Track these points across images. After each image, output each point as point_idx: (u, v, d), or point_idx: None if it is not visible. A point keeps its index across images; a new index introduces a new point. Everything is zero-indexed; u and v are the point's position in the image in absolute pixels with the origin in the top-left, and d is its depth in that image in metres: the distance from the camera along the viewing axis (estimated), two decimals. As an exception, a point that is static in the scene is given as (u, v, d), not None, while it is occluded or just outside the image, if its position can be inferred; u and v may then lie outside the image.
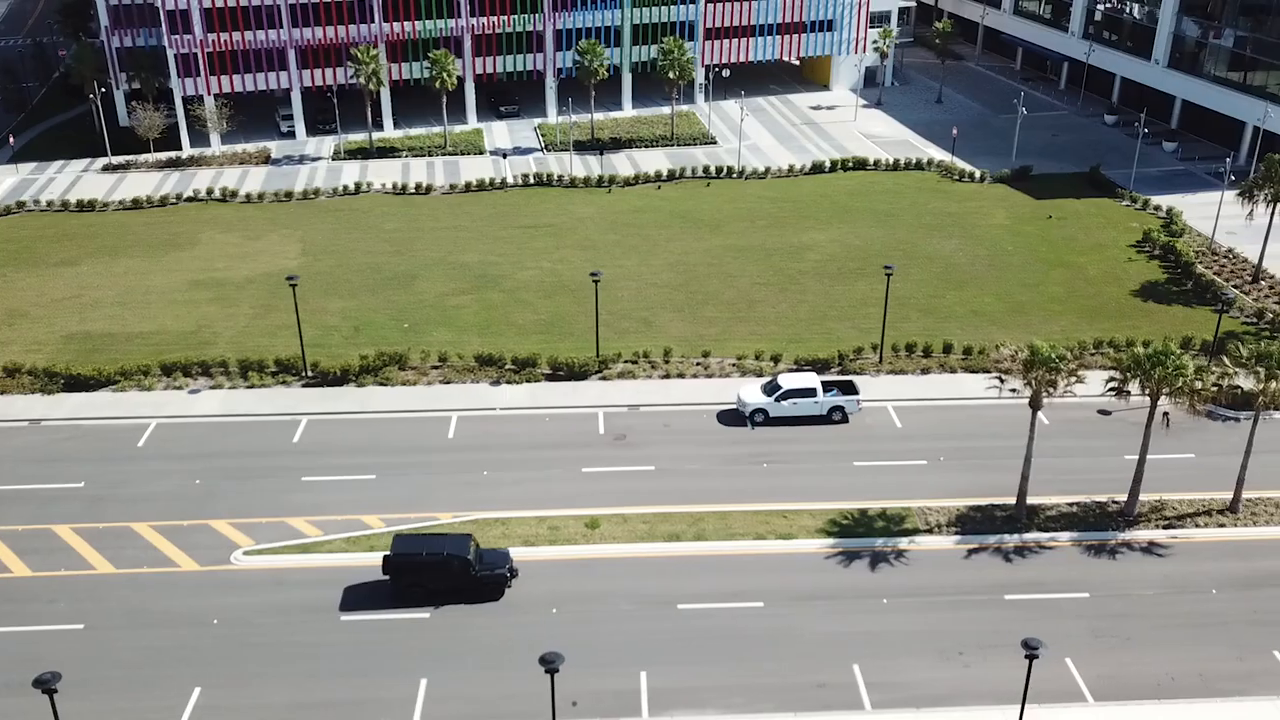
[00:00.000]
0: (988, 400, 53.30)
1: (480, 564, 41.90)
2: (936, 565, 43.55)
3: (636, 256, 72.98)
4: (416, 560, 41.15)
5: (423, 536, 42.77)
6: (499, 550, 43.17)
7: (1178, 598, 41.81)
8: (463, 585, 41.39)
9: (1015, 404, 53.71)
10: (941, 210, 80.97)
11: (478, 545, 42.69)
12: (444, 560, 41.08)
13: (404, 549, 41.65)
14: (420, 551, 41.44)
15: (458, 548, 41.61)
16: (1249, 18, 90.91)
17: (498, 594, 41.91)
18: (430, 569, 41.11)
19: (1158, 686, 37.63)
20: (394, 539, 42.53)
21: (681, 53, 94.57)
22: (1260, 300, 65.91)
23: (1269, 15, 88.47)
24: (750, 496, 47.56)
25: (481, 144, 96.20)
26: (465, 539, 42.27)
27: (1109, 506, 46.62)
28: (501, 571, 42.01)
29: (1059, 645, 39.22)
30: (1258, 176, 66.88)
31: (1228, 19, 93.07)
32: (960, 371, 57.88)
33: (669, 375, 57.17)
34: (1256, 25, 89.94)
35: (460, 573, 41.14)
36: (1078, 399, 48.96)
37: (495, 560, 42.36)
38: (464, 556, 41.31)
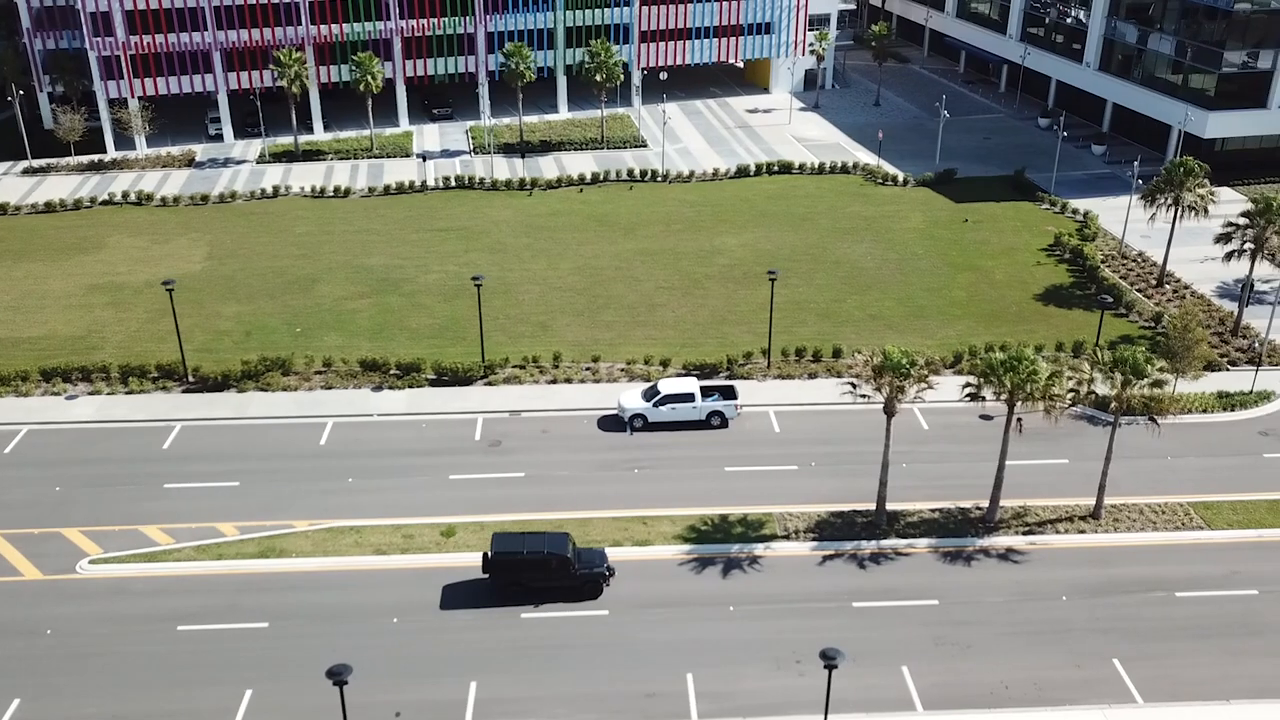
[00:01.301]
0: (872, 406, 53.28)
1: (579, 562, 41.64)
2: (789, 572, 43.16)
3: (545, 260, 72.73)
4: (517, 559, 40.98)
5: (522, 535, 42.61)
6: (595, 549, 43.21)
7: (1026, 605, 41.50)
8: (562, 584, 41.32)
9: (900, 410, 54.13)
10: (858, 214, 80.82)
11: (575, 544, 42.38)
12: (544, 559, 41.03)
13: (504, 547, 41.47)
14: (521, 550, 41.27)
15: (558, 546, 41.67)
16: (1172, 21, 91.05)
17: (597, 593, 41.87)
18: (530, 567, 41.08)
19: (990, 695, 37.32)
20: (494, 537, 42.28)
21: (609, 55, 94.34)
22: (1161, 304, 66.18)
23: (1191, 19, 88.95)
24: (615, 503, 47.13)
25: (410, 147, 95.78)
26: (564, 537, 42.39)
27: (972, 513, 46.53)
28: (600, 570, 42.00)
29: (899, 653, 39.12)
30: (1159, 181, 67.01)
31: (1153, 22, 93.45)
32: (847, 377, 58.29)
33: (556, 380, 56.81)
34: (1179, 29, 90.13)
35: (559, 571, 41.19)
36: (962, 404, 49.01)
37: (592, 559, 42.28)
38: (564, 555, 41.31)
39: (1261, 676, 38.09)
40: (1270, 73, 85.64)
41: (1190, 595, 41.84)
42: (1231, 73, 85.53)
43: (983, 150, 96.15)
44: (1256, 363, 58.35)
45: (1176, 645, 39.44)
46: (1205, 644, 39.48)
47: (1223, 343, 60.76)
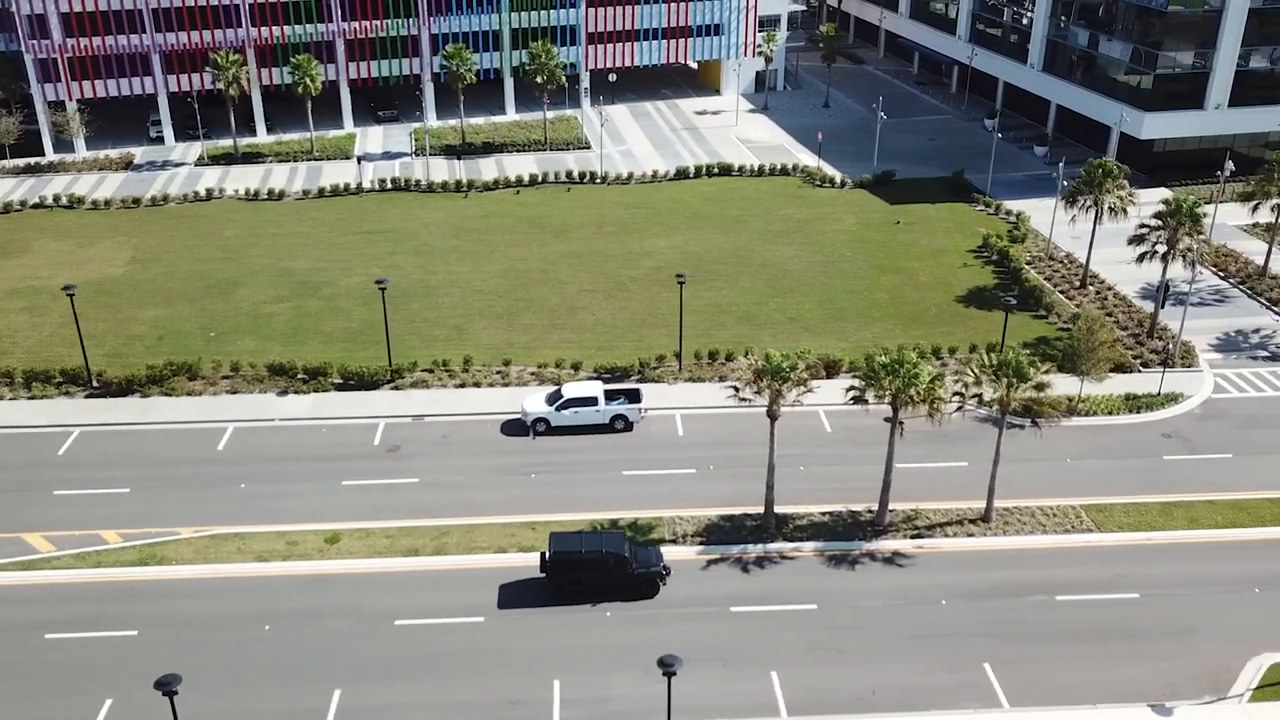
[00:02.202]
0: (794, 408, 53.20)
1: (635, 561, 41.92)
2: (673, 576, 42.68)
3: (471, 262, 72.32)
4: (575, 558, 41.23)
5: (580, 534, 43.04)
6: (651, 548, 43.34)
7: (905, 609, 41.34)
8: (619, 583, 41.52)
9: (802, 412, 53.56)
10: (791, 216, 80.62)
11: (630, 543, 42.78)
12: (602, 558, 41.28)
13: (562, 547, 41.68)
14: (579, 549, 41.57)
15: (615, 545, 41.97)
16: (1110, 22, 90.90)
17: (653, 591, 41.96)
18: (588, 566, 41.30)
19: (856, 700, 37.16)
20: (551, 537, 42.37)
21: (549, 57, 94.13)
22: (1082, 305, 66.10)
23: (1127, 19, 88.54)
24: (507, 508, 46.75)
25: (352, 149, 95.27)
26: (620, 536, 42.81)
27: (863, 516, 46.32)
28: (656, 569, 42.12)
29: (770, 659, 38.87)
30: (1079, 182, 66.99)
31: (1091, 23, 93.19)
32: (730, 381, 57.38)
33: (464, 385, 56.40)
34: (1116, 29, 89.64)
35: (617, 570, 41.42)
36: (869, 405, 48.65)
37: (649, 558, 42.50)
38: (621, 554, 41.53)
39: (1132, 680, 37.91)
40: (1206, 73, 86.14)
41: (1071, 599, 41.64)
42: (1167, 74, 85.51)
43: (927, 152, 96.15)
44: (1167, 365, 57.98)
45: (1051, 649, 39.28)
46: (1080, 648, 39.30)
47: (1138, 344, 61.13)
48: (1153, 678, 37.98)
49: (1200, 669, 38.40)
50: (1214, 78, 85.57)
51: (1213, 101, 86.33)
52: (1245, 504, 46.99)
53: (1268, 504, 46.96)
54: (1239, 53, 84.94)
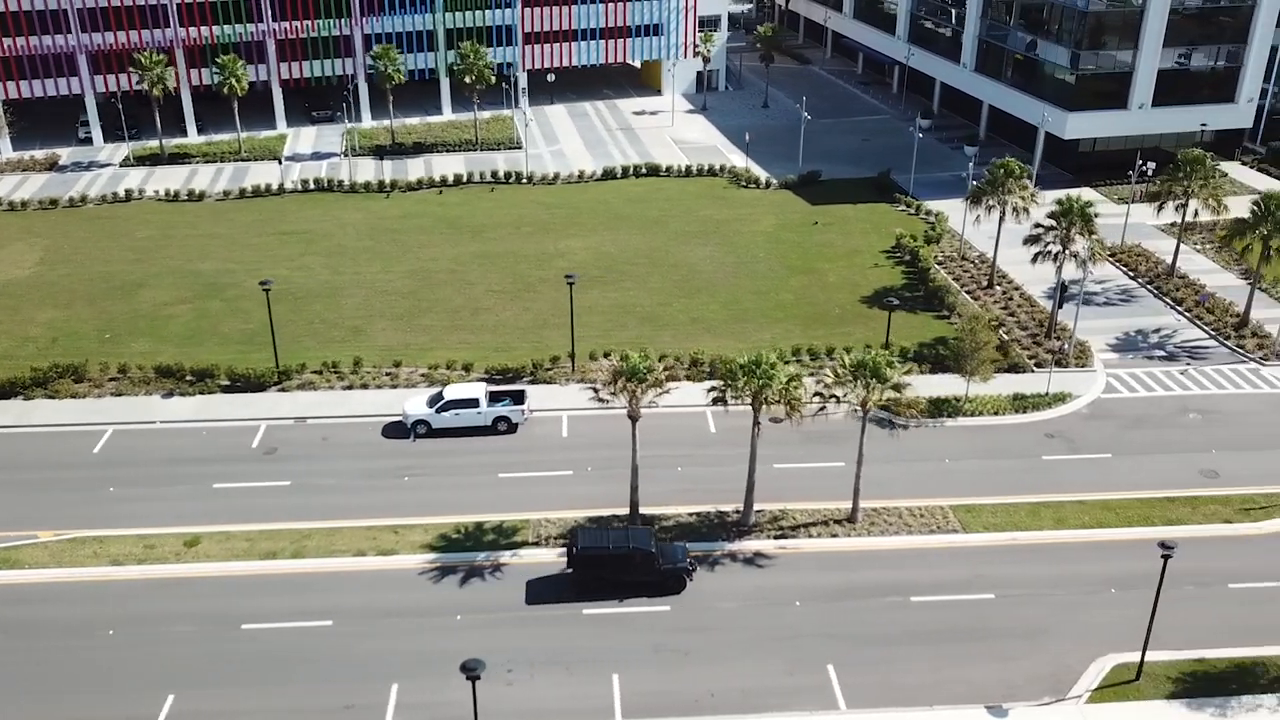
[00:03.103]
0: (664, 409, 51.60)
1: (662, 557, 42.03)
2: (529, 579, 42.52)
3: (381, 263, 71.92)
4: (602, 554, 41.21)
5: (606, 530, 43.14)
6: (677, 544, 43.47)
7: (759, 610, 41.17)
8: (646, 579, 41.59)
9: (690, 413, 53.74)
10: (712, 217, 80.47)
11: (657, 539, 42.98)
12: (629, 553, 41.38)
13: (589, 543, 41.76)
14: (606, 545, 41.63)
15: (642, 541, 41.99)
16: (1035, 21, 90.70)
17: (680, 587, 41.95)
18: (614, 562, 41.34)
19: (694, 703, 36.88)
20: (579, 533, 42.60)
21: (478, 57, 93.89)
22: (987, 306, 66.10)
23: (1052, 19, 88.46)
24: (373, 512, 46.36)
25: (281, 150, 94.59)
26: (647, 533, 42.87)
27: (730, 516, 46.15)
28: (683, 565, 42.19)
29: (614, 662, 38.59)
30: (983, 183, 66.98)
31: (1018, 23, 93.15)
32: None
33: (352, 386, 56.06)
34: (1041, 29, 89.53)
35: (644, 566, 41.47)
36: (727, 407, 46.55)
37: (675, 554, 42.59)
38: (648, 550, 41.56)
39: (976, 682, 37.77)
40: (1129, 73, 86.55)
41: (925, 600, 41.54)
42: (1090, 73, 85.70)
43: (860, 152, 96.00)
44: (1060, 365, 57.80)
45: (898, 651, 39.17)
46: (928, 649, 39.14)
47: (1035, 344, 61.20)
48: (996, 679, 37.87)
49: (1045, 670, 38.27)
50: (1137, 77, 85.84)
51: (1136, 101, 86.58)
52: (1115, 504, 46.94)
53: (1137, 504, 46.92)
54: (1161, 52, 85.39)
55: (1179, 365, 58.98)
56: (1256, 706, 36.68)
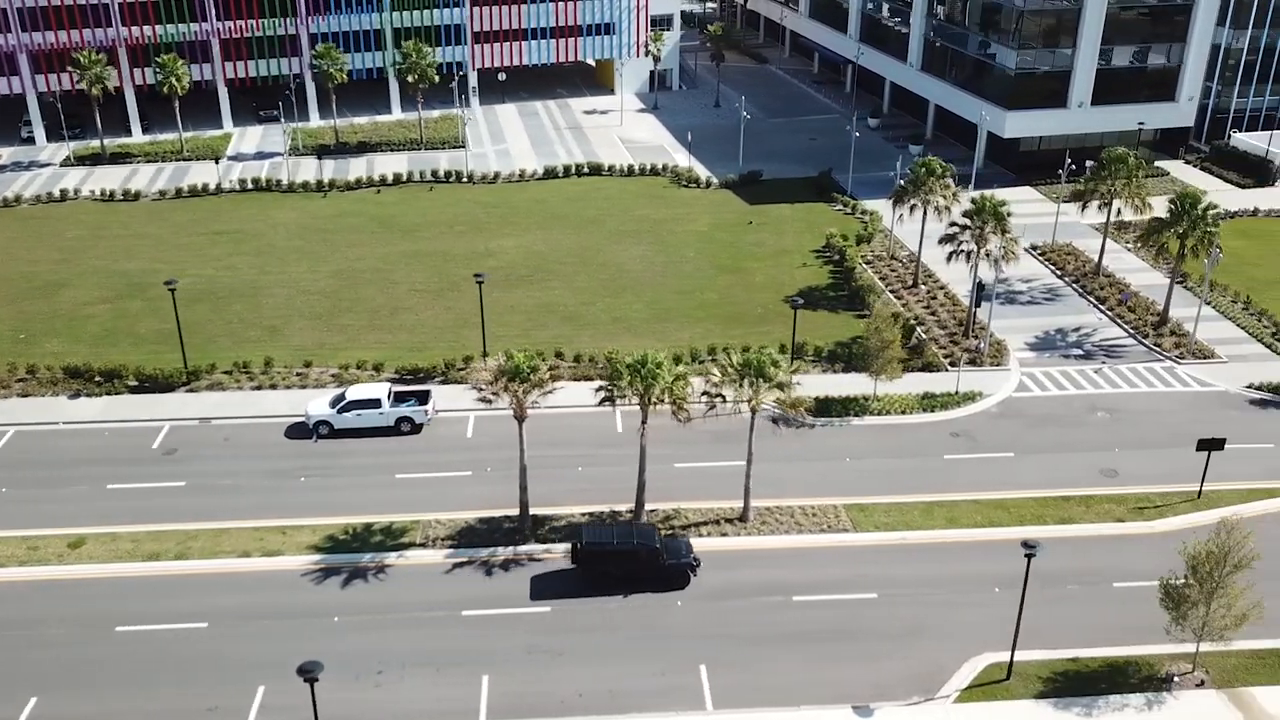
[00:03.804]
0: (572, 409, 52.32)
1: (666, 553, 42.21)
2: (412, 580, 42.35)
3: (308, 262, 71.58)
4: (607, 549, 41.53)
5: (611, 525, 43.50)
6: (681, 540, 43.68)
7: (639, 610, 40.87)
8: (651, 574, 41.82)
9: (596, 413, 53.11)
10: (648, 216, 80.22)
11: (661, 535, 43.23)
12: (633, 549, 41.65)
13: (594, 538, 42.06)
14: (610, 540, 41.95)
15: (646, 537, 42.29)
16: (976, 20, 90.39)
17: (684, 582, 42.18)
18: (619, 557, 41.60)
19: (560, 704, 36.74)
20: (583, 529, 42.88)
21: (421, 56, 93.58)
22: (910, 305, 66.05)
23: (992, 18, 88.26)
24: (263, 512, 46.02)
25: (225, 150, 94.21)
26: (652, 529, 43.10)
27: (624, 516, 45.74)
28: (687, 560, 42.34)
29: (487, 662, 38.32)
30: (906, 182, 66.92)
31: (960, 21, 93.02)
32: (567, 380, 56.07)
33: (261, 387, 55.81)
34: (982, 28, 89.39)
35: (648, 561, 41.71)
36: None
37: (679, 550, 42.84)
38: (652, 545, 41.86)
39: (848, 681, 37.62)
40: (1068, 72, 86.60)
41: (807, 599, 41.40)
42: (1028, 72, 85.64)
43: (807, 151, 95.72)
44: (974, 364, 57.66)
45: (773, 651, 38.98)
46: (804, 649, 38.95)
47: (952, 343, 61.24)
48: (869, 679, 37.74)
49: (919, 669, 38.14)
50: (1076, 76, 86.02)
51: (1075, 100, 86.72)
52: (1009, 503, 46.87)
53: (1032, 504, 46.88)
54: (1099, 51, 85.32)
55: (1094, 364, 59.21)
56: (1123, 706, 36.60)
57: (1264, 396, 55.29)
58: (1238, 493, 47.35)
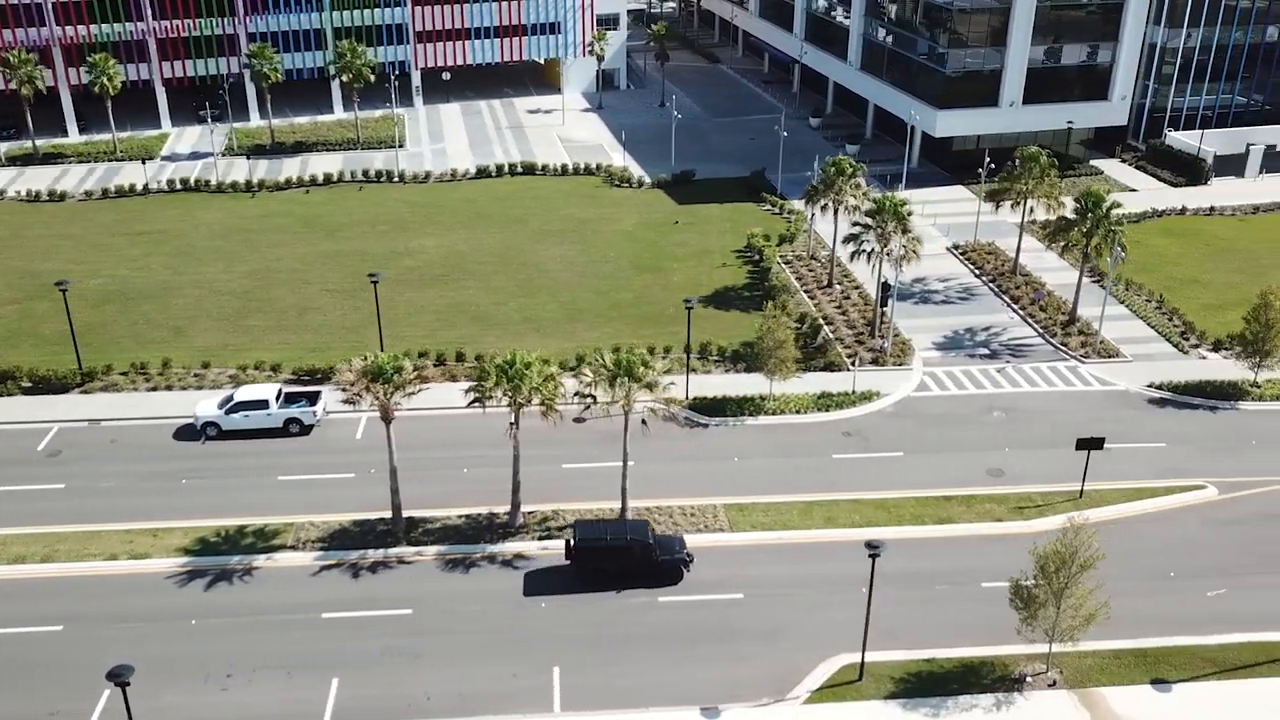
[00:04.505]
0: (466, 410, 50.40)
1: (660, 549, 42.31)
2: (277, 583, 41.99)
3: (224, 263, 71.23)
4: (601, 545, 41.64)
5: (605, 522, 43.50)
6: (674, 536, 43.79)
7: (502, 612, 40.55)
8: (644, 570, 41.81)
9: (494, 414, 52.21)
10: (575, 216, 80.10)
11: (654, 531, 43.34)
12: (627, 545, 41.68)
13: (588, 534, 42.08)
14: (604, 536, 42.08)
15: (639, 533, 42.39)
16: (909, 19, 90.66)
17: (677, 578, 42.18)
18: (613, 553, 41.66)
19: (408, 707, 36.36)
20: (576, 525, 42.85)
21: (355, 56, 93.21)
22: (821, 306, 65.86)
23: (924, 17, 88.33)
24: (138, 515, 45.52)
25: (160, 149, 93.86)
26: (644, 525, 43.21)
27: (501, 518, 45.66)
28: (680, 556, 42.47)
29: (340, 665, 37.84)
30: (817, 182, 66.77)
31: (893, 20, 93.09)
32: (462, 380, 55.71)
33: (157, 388, 55.43)
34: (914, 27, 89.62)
35: (642, 557, 41.79)
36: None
37: (672, 545, 42.95)
38: (645, 541, 41.92)
39: (700, 683, 37.25)
40: (999, 71, 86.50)
41: (672, 600, 41.08)
42: (959, 71, 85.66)
43: (746, 150, 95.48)
44: (877, 363, 57.69)
45: (631, 652, 38.67)
46: (662, 650, 38.65)
47: (858, 343, 61.06)
48: (723, 679, 37.44)
49: (775, 670, 37.85)
50: (1006, 75, 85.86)
51: (1007, 99, 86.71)
52: (890, 503, 46.69)
53: (913, 503, 46.71)
54: (1029, 50, 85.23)
55: (998, 364, 59.02)
56: (972, 707, 36.38)
57: (1163, 395, 55.41)
58: (1120, 492, 47.33)
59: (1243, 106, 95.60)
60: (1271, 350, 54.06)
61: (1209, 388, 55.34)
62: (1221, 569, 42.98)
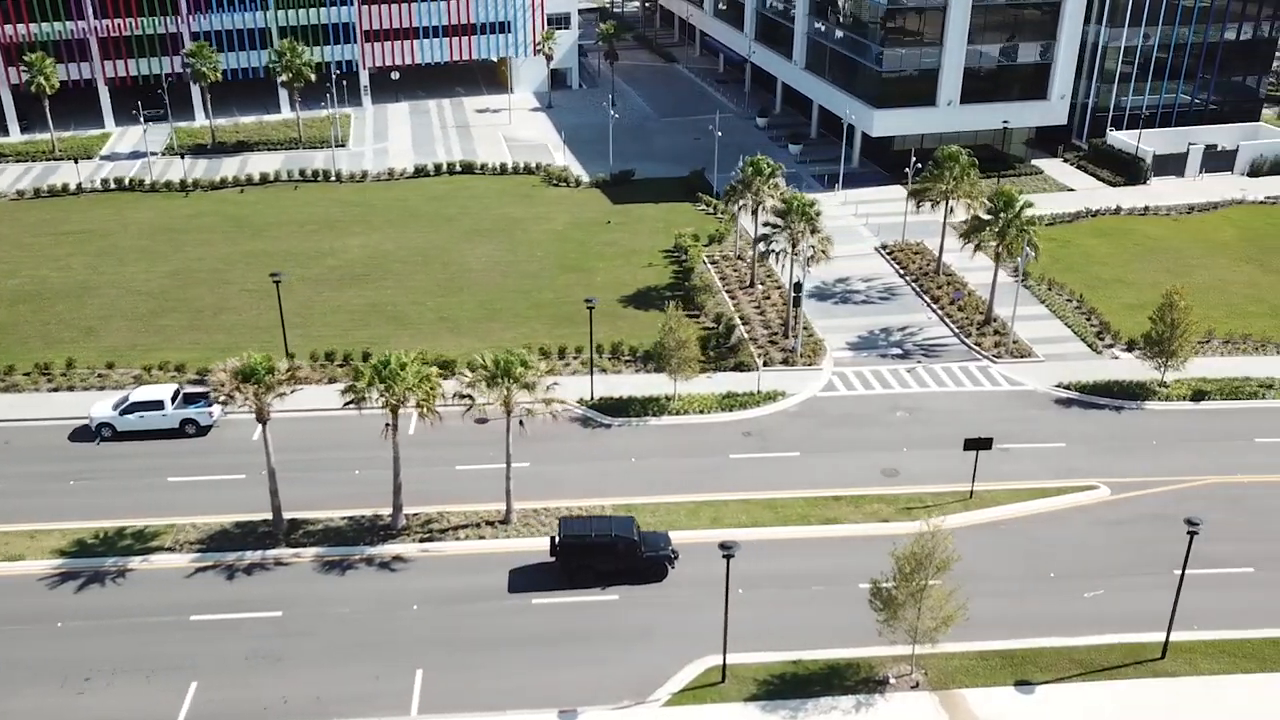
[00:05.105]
0: (365, 412, 49.90)
1: (645, 546, 42.21)
2: (150, 585, 41.56)
3: (146, 262, 70.76)
4: (586, 542, 41.43)
5: (590, 519, 43.17)
6: (659, 533, 43.57)
7: (374, 615, 40.24)
8: (630, 567, 41.83)
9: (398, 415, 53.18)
10: (508, 215, 79.81)
11: (640, 528, 43.07)
12: (611, 542, 41.55)
13: (573, 531, 41.94)
14: (589, 534, 41.85)
15: (624, 530, 42.21)
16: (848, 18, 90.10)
17: (662, 575, 42.17)
18: (598, 551, 41.55)
19: (264, 710, 35.93)
20: (561, 522, 42.72)
21: (295, 55, 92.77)
22: (740, 305, 65.48)
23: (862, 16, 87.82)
24: (23, 516, 45.01)
25: (100, 149, 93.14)
26: (630, 521, 42.96)
27: (384, 519, 45.41)
28: (665, 553, 42.37)
29: (200, 669, 37.45)
30: (737, 182, 66.53)
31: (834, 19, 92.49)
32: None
33: (59, 389, 54.89)
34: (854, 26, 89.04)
35: (627, 554, 41.73)
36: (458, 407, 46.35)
37: (657, 542, 42.78)
38: (630, 538, 41.83)
39: (564, 685, 36.82)
40: (936, 70, 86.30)
41: (547, 601, 40.86)
42: (895, 70, 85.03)
43: (690, 150, 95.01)
44: (787, 363, 57.33)
45: (500, 654, 38.34)
46: (532, 652, 38.29)
47: (770, 343, 60.79)
48: (588, 682, 37.11)
49: (641, 672, 37.52)
50: (944, 75, 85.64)
51: (945, 98, 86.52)
52: (779, 503, 46.40)
53: (801, 503, 46.36)
54: (966, 49, 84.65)
55: (909, 364, 58.94)
56: (831, 709, 36.05)
57: (1069, 395, 55.22)
58: (1012, 492, 47.06)
59: (1187, 106, 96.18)
60: (1177, 350, 54.31)
61: (1116, 388, 55.44)
62: (1104, 570, 42.84)
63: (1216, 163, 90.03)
